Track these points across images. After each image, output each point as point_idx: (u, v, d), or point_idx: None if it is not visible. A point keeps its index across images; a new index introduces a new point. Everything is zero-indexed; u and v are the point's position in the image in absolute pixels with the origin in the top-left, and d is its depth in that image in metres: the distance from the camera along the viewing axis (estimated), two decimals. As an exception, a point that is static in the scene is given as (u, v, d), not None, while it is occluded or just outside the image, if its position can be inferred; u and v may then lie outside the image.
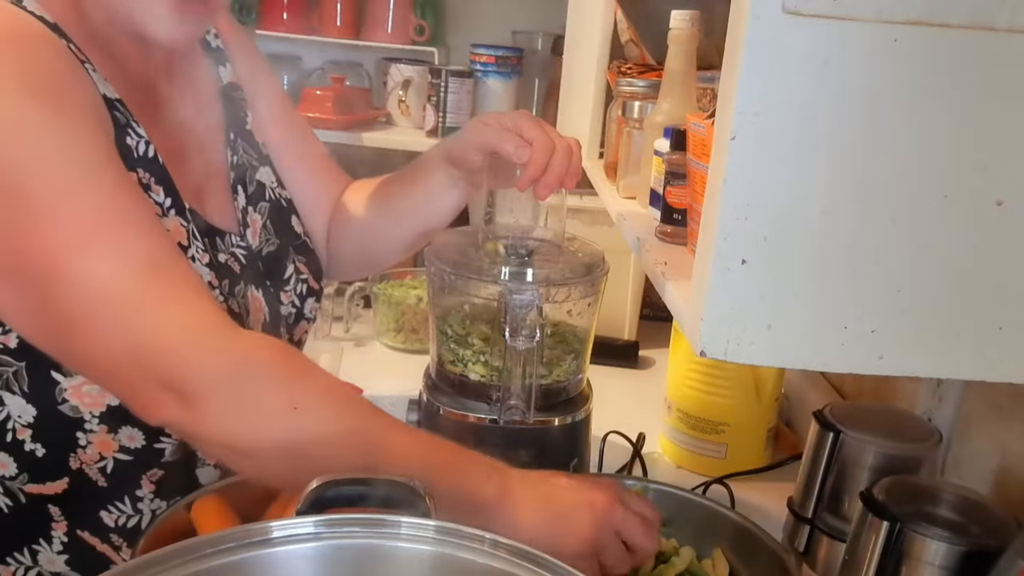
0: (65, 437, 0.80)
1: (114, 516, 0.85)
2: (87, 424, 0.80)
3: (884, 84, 0.51)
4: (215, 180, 0.94)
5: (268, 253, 0.98)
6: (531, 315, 0.93)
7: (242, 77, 1.02)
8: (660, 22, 1.01)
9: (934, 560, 0.69)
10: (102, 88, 0.79)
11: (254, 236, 0.96)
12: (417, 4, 2.06)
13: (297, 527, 0.55)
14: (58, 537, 0.84)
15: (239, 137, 0.98)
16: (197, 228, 0.86)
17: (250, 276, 0.93)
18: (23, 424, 0.79)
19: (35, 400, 0.79)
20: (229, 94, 0.99)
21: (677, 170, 0.82)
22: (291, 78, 2.19)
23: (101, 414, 0.80)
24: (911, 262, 0.54)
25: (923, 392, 1.00)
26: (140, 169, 0.81)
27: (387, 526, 0.56)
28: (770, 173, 0.52)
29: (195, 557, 0.53)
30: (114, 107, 0.80)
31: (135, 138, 0.81)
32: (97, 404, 0.79)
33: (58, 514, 0.83)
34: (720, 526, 0.96)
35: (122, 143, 0.79)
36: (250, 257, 0.94)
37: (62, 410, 0.79)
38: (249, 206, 0.96)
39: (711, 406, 1.21)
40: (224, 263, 0.90)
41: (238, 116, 0.99)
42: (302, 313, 1.01)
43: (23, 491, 0.82)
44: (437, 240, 1.05)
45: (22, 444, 0.80)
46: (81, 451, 0.81)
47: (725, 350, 0.55)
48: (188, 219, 0.85)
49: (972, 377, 0.57)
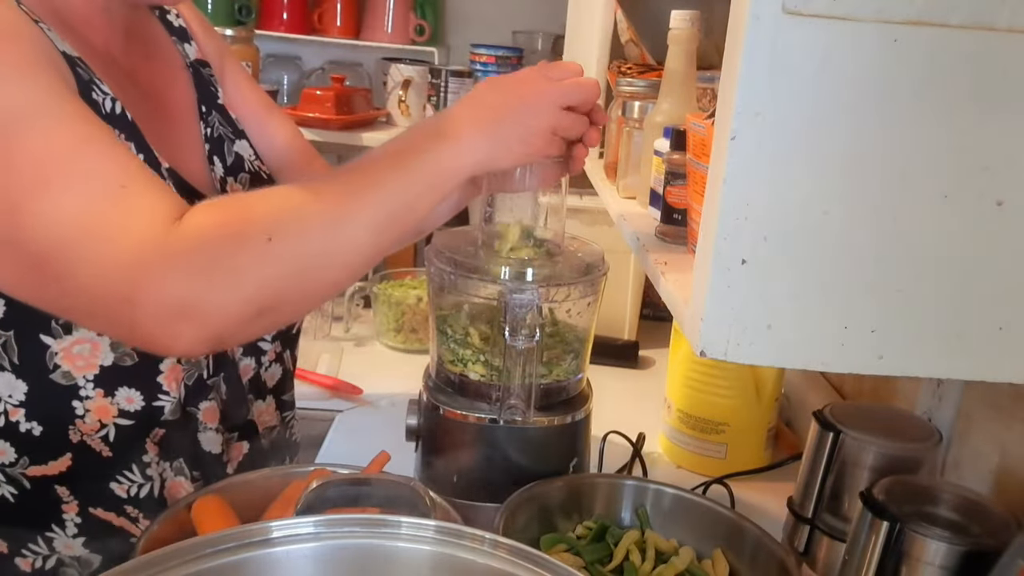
0: (61, 409, 0.78)
1: (124, 487, 0.84)
2: (82, 390, 0.78)
3: (884, 84, 0.51)
4: (190, 156, 0.91)
5: None
6: (531, 315, 0.93)
7: (209, 55, 0.99)
8: (660, 22, 1.01)
9: (934, 560, 0.70)
10: (60, 46, 0.75)
11: None
12: (417, 4, 2.06)
13: (297, 527, 0.56)
14: (71, 519, 0.83)
15: (212, 110, 0.95)
16: (176, 187, 0.81)
17: None
18: (15, 404, 0.77)
19: (26, 372, 0.77)
20: (198, 69, 0.96)
21: (677, 170, 0.82)
22: (291, 78, 2.19)
23: (95, 377, 0.78)
24: (911, 262, 0.54)
25: (923, 392, 1.00)
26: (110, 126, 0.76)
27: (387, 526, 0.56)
28: (770, 173, 0.52)
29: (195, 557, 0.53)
30: (75, 64, 0.76)
31: (100, 95, 0.77)
32: (90, 367, 0.78)
33: (67, 494, 0.82)
34: (720, 526, 0.96)
35: (87, 98, 0.75)
36: None
37: (54, 379, 0.77)
38: (228, 176, 0.93)
39: (711, 406, 1.21)
40: None
41: (208, 91, 0.97)
42: None
43: (26, 476, 0.81)
44: (437, 240, 1.05)
45: (17, 426, 0.78)
46: (80, 421, 0.79)
47: (725, 350, 0.55)
48: (165, 178, 0.81)
49: (972, 377, 0.57)
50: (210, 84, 0.97)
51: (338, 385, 1.41)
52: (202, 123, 0.94)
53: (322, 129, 1.91)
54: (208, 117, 0.95)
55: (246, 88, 1.03)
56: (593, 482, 1.04)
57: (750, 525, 0.94)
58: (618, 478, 1.09)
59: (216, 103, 0.97)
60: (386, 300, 1.58)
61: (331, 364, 1.50)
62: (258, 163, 0.99)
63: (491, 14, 2.16)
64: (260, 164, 0.99)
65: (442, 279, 1.00)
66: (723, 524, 0.96)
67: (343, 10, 2.04)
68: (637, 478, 1.11)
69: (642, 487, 1.02)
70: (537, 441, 1.01)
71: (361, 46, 2.07)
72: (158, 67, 0.92)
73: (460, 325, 1.01)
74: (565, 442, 1.03)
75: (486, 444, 0.99)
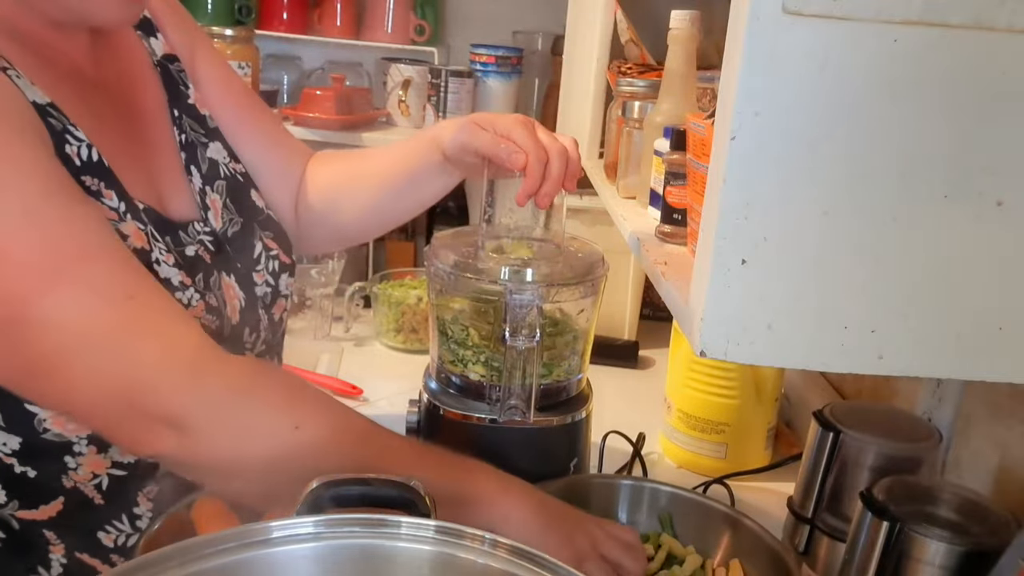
0: (54, 461, 0.77)
1: (112, 536, 0.83)
2: (75, 447, 0.77)
3: (884, 84, 0.51)
4: (167, 165, 0.89)
5: (234, 233, 0.92)
6: (531, 315, 0.93)
7: (177, 47, 0.95)
8: (660, 22, 1.01)
9: (934, 560, 0.70)
10: (30, 95, 0.73)
11: (216, 218, 0.91)
12: (417, 4, 2.06)
13: (297, 527, 0.55)
14: (57, 560, 0.82)
15: (183, 113, 0.92)
16: (156, 227, 0.81)
17: (221, 263, 0.89)
18: (8, 452, 0.77)
19: (16, 430, 0.76)
20: (166, 67, 0.93)
21: (677, 170, 0.82)
22: (291, 78, 2.19)
23: (89, 436, 0.77)
24: (911, 262, 0.54)
25: (923, 392, 1.00)
26: (86, 176, 0.75)
27: (387, 526, 0.56)
28: (770, 173, 0.52)
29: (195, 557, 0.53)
30: (47, 114, 0.74)
31: (74, 143, 0.75)
32: (82, 429, 0.77)
33: (54, 538, 0.81)
34: (720, 526, 0.96)
35: (61, 152, 0.74)
36: (217, 242, 0.89)
37: (46, 438, 0.76)
38: (206, 186, 0.91)
39: (711, 406, 1.21)
40: (194, 255, 0.85)
41: (178, 90, 0.93)
42: (278, 290, 0.96)
43: (15, 517, 0.79)
44: (437, 240, 1.05)
45: (11, 468, 0.77)
46: (73, 472, 0.78)
47: (725, 350, 0.55)
48: (145, 220, 0.80)
49: (972, 377, 0.57)
50: (179, 82, 0.93)
51: (338, 385, 1.41)
52: (175, 128, 0.91)
53: (322, 129, 1.91)
54: (180, 121, 0.92)
55: (221, 78, 0.99)
56: (593, 482, 1.04)
57: (751, 524, 0.93)
58: (618, 478, 1.09)
59: (186, 103, 0.93)
60: (386, 300, 1.58)
61: (331, 364, 1.50)
62: (233, 165, 0.96)
63: (491, 14, 2.16)
64: (235, 165, 0.96)
65: (442, 279, 1.00)
66: (723, 524, 0.96)
67: (343, 10, 2.04)
68: (637, 478, 1.11)
69: (642, 487, 1.02)
70: (537, 441, 1.01)
71: (361, 46, 2.07)
72: (127, 68, 0.89)
73: (460, 325, 1.01)
74: (565, 442, 1.03)
75: (486, 444, 0.99)
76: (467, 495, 0.77)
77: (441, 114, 1.95)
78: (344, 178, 1.07)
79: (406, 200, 1.05)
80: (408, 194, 1.04)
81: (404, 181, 1.03)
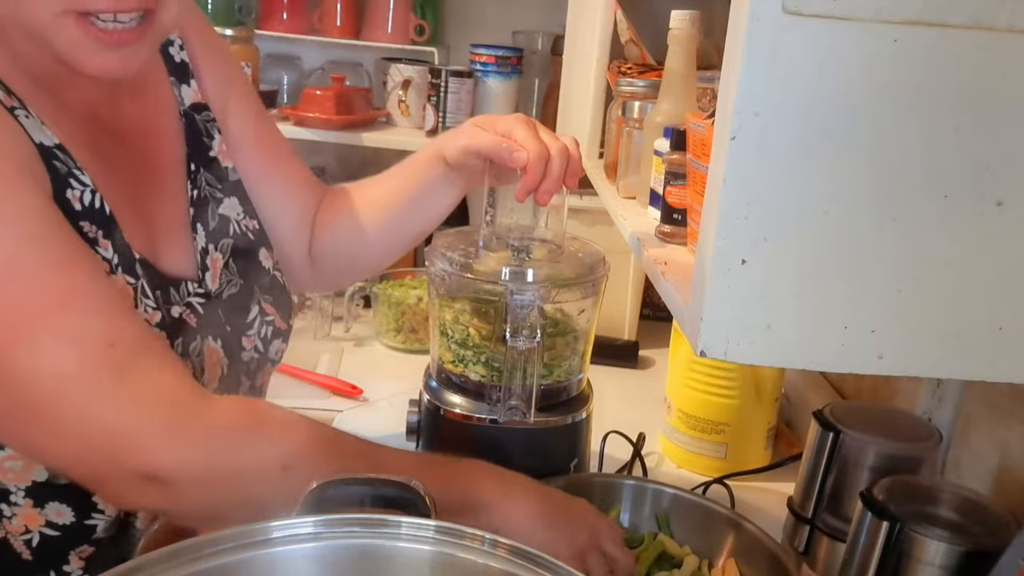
0: None
1: None
2: (12, 496, 0.76)
3: (884, 84, 0.51)
4: (172, 219, 0.87)
5: (230, 295, 0.90)
6: (531, 315, 0.93)
7: (210, 94, 0.93)
8: (660, 22, 1.01)
9: (934, 560, 0.69)
10: (38, 136, 0.72)
11: (214, 279, 0.88)
12: (417, 4, 2.05)
13: (297, 527, 0.55)
14: None
15: (201, 167, 0.90)
16: (149, 281, 0.79)
17: (207, 327, 0.86)
18: None
19: None
20: (192, 117, 0.91)
21: (677, 170, 0.82)
22: (291, 78, 2.19)
23: (27, 488, 0.76)
24: (911, 262, 0.54)
25: (923, 392, 1.00)
26: (85, 222, 0.74)
27: (387, 526, 0.56)
28: (770, 173, 0.52)
29: (195, 557, 0.53)
30: (53, 156, 0.73)
31: (78, 188, 0.74)
32: (22, 479, 0.75)
33: None
34: (720, 526, 0.96)
35: (61, 196, 0.73)
36: (208, 305, 0.87)
37: None
38: (210, 244, 0.89)
39: (711, 406, 1.21)
40: (178, 317, 0.83)
41: (201, 143, 0.91)
42: (266, 356, 0.94)
43: None
44: (437, 240, 1.05)
45: None
46: (6, 521, 0.77)
47: (725, 350, 0.55)
48: (138, 274, 0.78)
49: (972, 377, 0.57)
50: (204, 134, 0.91)
51: (338, 385, 1.41)
52: (189, 183, 0.89)
53: (322, 129, 1.91)
54: (195, 176, 0.89)
55: (251, 126, 0.97)
56: (593, 482, 1.04)
57: (750, 525, 0.93)
58: (618, 478, 1.09)
59: (207, 156, 0.91)
60: (386, 300, 1.58)
61: (331, 364, 1.50)
62: (246, 222, 0.94)
63: (491, 14, 2.15)
64: (248, 223, 0.94)
65: (442, 279, 1.00)
66: (723, 524, 0.96)
67: (343, 10, 2.04)
68: (637, 478, 1.11)
69: (642, 487, 1.02)
70: (538, 441, 1.01)
71: (361, 46, 2.07)
72: (148, 116, 0.87)
73: (461, 325, 1.01)
74: (565, 442, 1.03)
75: (487, 445, 0.99)
76: (469, 502, 0.77)
77: (441, 114, 1.95)
78: (353, 209, 1.05)
79: (415, 220, 1.03)
80: (417, 213, 1.03)
81: (411, 200, 1.01)
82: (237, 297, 0.91)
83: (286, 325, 0.96)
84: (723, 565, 0.93)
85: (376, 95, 2.13)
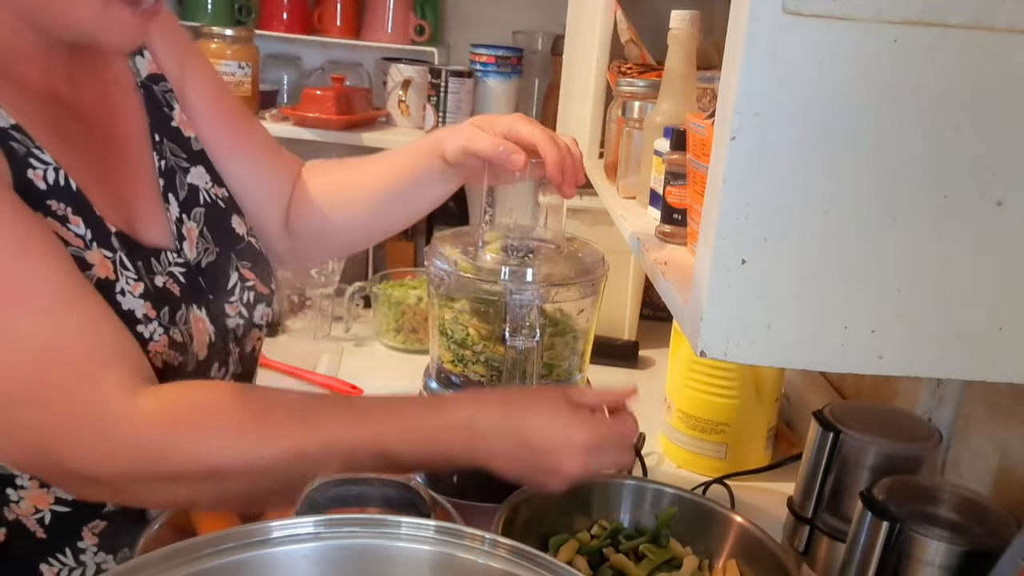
0: None
1: (55, 568, 0.81)
2: (18, 480, 0.77)
3: (884, 84, 0.51)
4: (144, 191, 0.86)
5: (208, 264, 0.90)
6: (531, 315, 0.93)
7: (165, 65, 0.92)
8: (660, 22, 1.01)
9: (934, 560, 0.70)
10: None
11: (191, 248, 0.88)
12: (417, 4, 2.05)
13: (297, 527, 0.56)
14: None
15: (164, 137, 0.90)
16: (127, 253, 0.78)
17: (190, 295, 0.85)
18: None
19: None
20: (151, 88, 0.90)
21: (677, 170, 0.82)
22: (291, 78, 2.19)
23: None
24: (911, 262, 0.54)
25: (923, 392, 1.00)
26: (52, 200, 0.73)
27: (387, 526, 0.56)
28: (770, 173, 0.52)
29: (195, 557, 0.53)
30: (9, 138, 0.71)
31: (40, 167, 0.73)
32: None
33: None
34: (720, 526, 0.96)
35: (23, 178, 0.72)
36: (189, 274, 0.86)
37: None
38: (183, 214, 0.88)
39: (711, 406, 1.21)
40: (162, 287, 0.82)
41: (162, 113, 0.90)
42: (252, 322, 0.93)
43: None
44: (437, 240, 1.05)
45: None
46: (15, 505, 0.78)
47: (725, 350, 0.55)
48: (115, 247, 0.77)
49: (972, 377, 0.57)
50: (163, 104, 0.91)
51: (338, 385, 1.41)
52: (155, 154, 0.88)
53: (322, 129, 1.91)
54: (160, 147, 0.89)
55: (210, 94, 0.97)
56: (593, 482, 1.03)
57: (750, 525, 0.93)
58: (618, 478, 1.08)
59: (169, 126, 0.91)
60: (386, 300, 1.58)
61: (331, 364, 1.50)
62: (215, 190, 0.93)
63: (491, 14, 2.16)
64: (217, 190, 0.94)
65: (442, 279, 1.00)
66: (723, 524, 0.96)
67: (343, 10, 2.04)
68: (637, 478, 1.11)
69: (642, 487, 1.02)
70: (537, 441, 1.01)
71: (361, 46, 2.07)
72: (107, 91, 0.86)
73: (460, 325, 1.01)
74: (565, 442, 1.03)
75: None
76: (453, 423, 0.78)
77: (441, 114, 1.95)
78: (340, 187, 1.05)
79: (405, 207, 1.04)
80: (407, 201, 1.03)
81: (404, 188, 1.01)
82: (215, 264, 0.91)
83: (268, 289, 0.95)
84: (723, 565, 0.93)
85: (376, 95, 2.13)
